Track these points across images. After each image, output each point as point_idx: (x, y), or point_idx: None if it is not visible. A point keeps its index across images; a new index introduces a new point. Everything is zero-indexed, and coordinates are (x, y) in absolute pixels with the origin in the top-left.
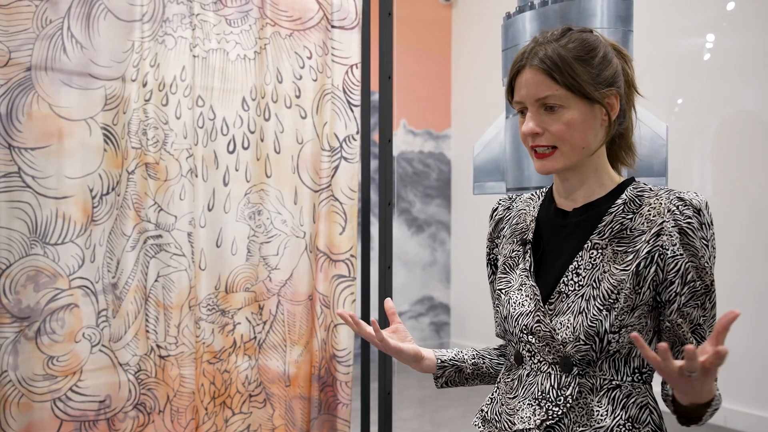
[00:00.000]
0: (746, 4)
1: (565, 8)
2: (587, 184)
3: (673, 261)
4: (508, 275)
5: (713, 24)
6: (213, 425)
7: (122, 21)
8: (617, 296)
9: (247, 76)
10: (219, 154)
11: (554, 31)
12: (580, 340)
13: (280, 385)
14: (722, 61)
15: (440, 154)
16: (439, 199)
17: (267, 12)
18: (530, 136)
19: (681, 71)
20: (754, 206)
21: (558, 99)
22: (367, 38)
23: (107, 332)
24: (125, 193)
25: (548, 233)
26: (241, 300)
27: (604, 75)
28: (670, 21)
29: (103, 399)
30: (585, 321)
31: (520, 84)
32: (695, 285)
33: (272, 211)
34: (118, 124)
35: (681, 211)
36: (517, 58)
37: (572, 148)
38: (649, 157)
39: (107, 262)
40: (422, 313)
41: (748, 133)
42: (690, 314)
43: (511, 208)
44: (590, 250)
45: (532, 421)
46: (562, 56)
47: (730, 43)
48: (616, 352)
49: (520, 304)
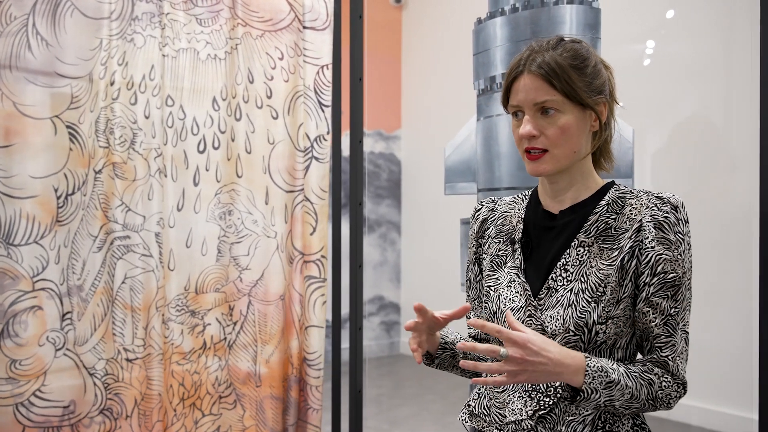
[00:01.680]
0: (685, 13)
1: (535, 15)
2: (575, 187)
3: (646, 252)
4: (497, 273)
5: (653, 31)
6: (182, 427)
7: (89, 18)
8: (604, 289)
9: (218, 76)
10: (189, 153)
11: (549, 41)
12: (569, 332)
13: (251, 385)
14: (661, 66)
15: (390, 154)
16: (390, 200)
17: (238, 12)
18: (527, 138)
19: (621, 76)
20: (706, 207)
21: (555, 104)
22: (338, 39)
23: (72, 335)
24: (92, 193)
25: (536, 233)
26: (211, 301)
27: (595, 83)
28: (612, 28)
29: (68, 404)
30: (574, 313)
31: (518, 89)
32: (666, 276)
33: (243, 212)
34: (84, 123)
35: (659, 208)
36: (514, 65)
37: (564, 152)
38: (617, 159)
39: (72, 264)
40: (373, 312)
41: (693, 136)
42: (659, 305)
43: (494, 209)
44: (577, 248)
45: (524, 413)
46: (560, 64)
47: (669, 50)
48: (602, 342)
49: (510, 299)
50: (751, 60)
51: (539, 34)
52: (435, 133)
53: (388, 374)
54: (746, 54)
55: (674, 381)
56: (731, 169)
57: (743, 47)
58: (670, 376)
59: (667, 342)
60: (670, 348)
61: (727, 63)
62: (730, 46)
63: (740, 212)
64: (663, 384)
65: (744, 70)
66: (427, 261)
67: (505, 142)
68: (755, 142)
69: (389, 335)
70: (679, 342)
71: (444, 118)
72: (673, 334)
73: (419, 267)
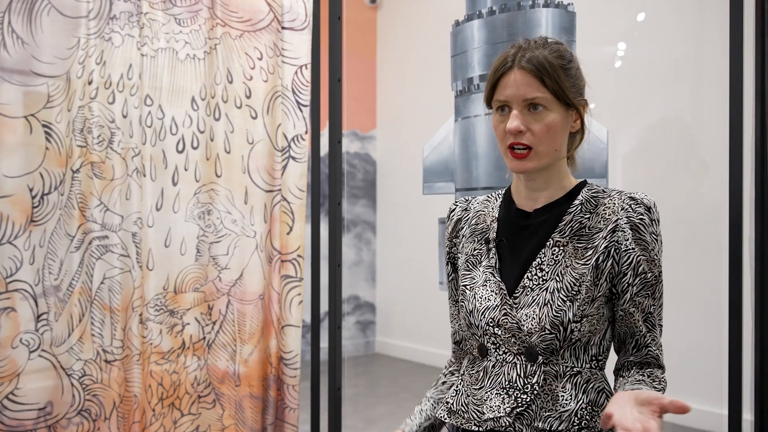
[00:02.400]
0: (655, 16)
1: (511, 18)
2: (551, 186)
3: (626, 254)
4: (472, 272)
5: (625, 34)
6: (161, 427)
7: (67, 17)
8: (579, 288)
9: (197, 75)
10: (168, 153)
11: (536, 40)
12: (545, 330)
13: (230, 384)
14: (633, 68)
15: (366, 154)
16: (365, 200)
17: (217, 12)
18: (513, 134)
19: (593, 77)
20: (677, 207)
21: (544, 101)
22: (317, 40)
23: (48, 336)
24: (69, 193)
25: (511, 232)
26: (190, 300)
27: (578, 84)
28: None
29: (44, 406)
30: (550, 312)
31: (507, 84)
32: (646, 276)
33: (222, 211)
34: (61, 122)
35: (633, 209)
36: (501, 60)
37: (547, 150)
38: (591, 160)
39: (49, 264)
40: (348, 312)
41: (664, 137)
42: (641, 303)
43: (468, 209)
44: (552, 248)
45: (502, 410)
46: (550, 62)
47: (641, 52)
48: (577, 340)
49: (486, 298)
50: (720, 62)
51: (516, 37)
52: (411, 133)
53: (364, 373)
54: (716, 56)
55: (664, 372)
56: (702, 170)
57: (713, 50)
58: (662, 369)
59: (651, 338)
60: (653, 343)
61: (697, 65)
62: (700, 49)
63: (710, 212)
64: (663, 381)
65: (714, 73)
66: (402, 260)
67: (483, 142)
68: (725, 143)
69: (364, 335)
70: (659, 336)
71: (420, 119)
72: (653, 330)
73: (395, 267)
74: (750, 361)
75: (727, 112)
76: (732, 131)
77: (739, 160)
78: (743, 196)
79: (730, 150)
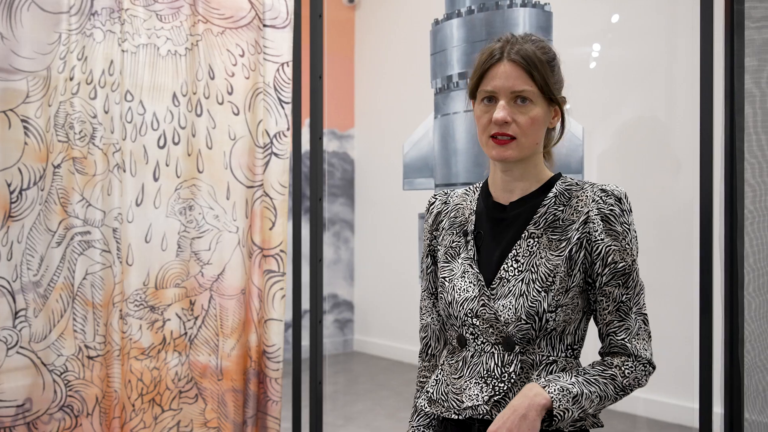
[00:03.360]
0: (629, 17)
1: (490, 17)
2: (527, 179)
3: (597, 245)
4: (450, 264)
5: (599, 35)
6: (141, 422)
7: (48, 13)
8: (553, 279)
9: (178, 72)
10: (149, 149)
11: (522, 35)
12: (521, 320)
13: (212, 379)
14: (607, 69)
15: (344, 153)
16: (343, 198)
17: (199, 9)
18: (498, 124)
19: (569, 76)
20: (651, 205)
21: (531, 95)
22: (298, 38)
23: (27, 332)
24: (50, 188)
25: (488, 225)
26: (171, 296)
27: (560, 81)
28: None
29: (22, 403)
30: (526, 302)
31: (495, 75)
32: (616, 266)
33: (204, 207)
34: (41, 117)
35: (604, 200)
36: (489, 53)
37: (529, 142)
38: (567, 156)
39: (27, 260)
40: (326, 310)
41: (637, 137)
42: (612, 293)
43: (447, 202)
44: (527, 239)
45: (480, 398)
46: (539, 57)
47: (614, 53)
48: (552, 330)
49: (464, 290)
50: (691, 63)
51: (494, 36)
52: (389, 131)
53: (342, 371)
54: (688, 57)
55: (637, 362)
56: (674, 168)
57: (685, 51)
58: (633, 359)
59: (621, 326)
60: (625, 331)
61: (669, 66)
62: (672, 50)
63: (682, 209)
64: (626, 371)
65: (686, 73)
66: (381, 258)
67: (462, 138)
68: (696, 142)
69: (343, 333)
70: (634, 325)
71: (398, 117)
72: (626, 319)
73: (373, 265)
74: (720, 356)
75: (698, 111)
76: (702, 130)
77: (709, 159)
78: (713, 193)
79: (701, 148)
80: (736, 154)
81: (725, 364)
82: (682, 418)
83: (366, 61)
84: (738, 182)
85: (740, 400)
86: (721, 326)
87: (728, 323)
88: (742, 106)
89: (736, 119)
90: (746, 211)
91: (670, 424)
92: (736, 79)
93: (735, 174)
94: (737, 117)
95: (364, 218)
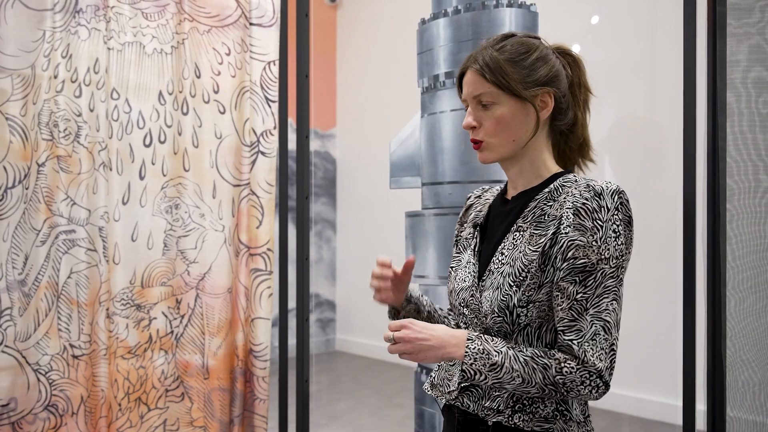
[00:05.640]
0: (609, 18)
1: (476, 17)
2: (525, 174)
3: (560, 237)
4: (461, 254)
5: (579, 36)
6: (127, 421)
7: (32, 10)
8: (526, 274)
9: (164, 70)
10: (135, 147)
11: (496, 37)
12: (495, 313)
13: (199, 378)
14: (588, 70)
15: (326, 153)
16: (325, 198)
17: (185, 7)
18: (467, 129)
19: None
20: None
21: (490, 96)
22: (285, 36)
23: (12, 331)
24: (35, 186)
25: (492, 218)
26: (157, 294)
27: (536, 75)
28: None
29: (7, 402)
30: (499, 295)
31: (464, 84)
32: (576, 261)
33: (190, 205)
34: (26, 116)
35: (581, 194)
36: (464, 62)
37: (501, 141)
38: None
39: (12, 258)
40: (308, 309)
41: (621, 138)
42: (566, 289)
43: (481, 197)
44: (514, 233)
45: (454, 383)
46: (495, 58)
47: (595, 54)
48: (526, 325)
49: (462, 279)
50: (674, 62)
51: (480, 35)
52: (373, 130)
53: (325, 371)
54: (670, 57)
55: (583, 368)
56: (658, 167)
57: (667, 50)
58: (577, 362)
59: (571, 326)
60: (575, 332)
61: (651, 66)
62: (653, 50)
63: (665, 206)
64: (564, 369)
65: (668, 73)
66: (363, 257)
67: (449, 137)
68: (679, 142)
69: (325, 332)
70: (588, 327)
71: (382, 116)
72: (578, 319)
73: (355, 264)
74: (703, 353)
75: (681, 111)
76: (686, 129)
77: (692, 157)
78: (696, 191)
79: (684, 147)
80: (718, 153)
81: (707, 361)
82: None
83: (348, 61)
84: (721, 181)
85: (723, 396)
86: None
87: (711, 320)
88: (725, 105)
89: (719, 118)
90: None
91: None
92: (719, 79)
93: (718, 173)
94: (720, 116)
95: (346, 217)
